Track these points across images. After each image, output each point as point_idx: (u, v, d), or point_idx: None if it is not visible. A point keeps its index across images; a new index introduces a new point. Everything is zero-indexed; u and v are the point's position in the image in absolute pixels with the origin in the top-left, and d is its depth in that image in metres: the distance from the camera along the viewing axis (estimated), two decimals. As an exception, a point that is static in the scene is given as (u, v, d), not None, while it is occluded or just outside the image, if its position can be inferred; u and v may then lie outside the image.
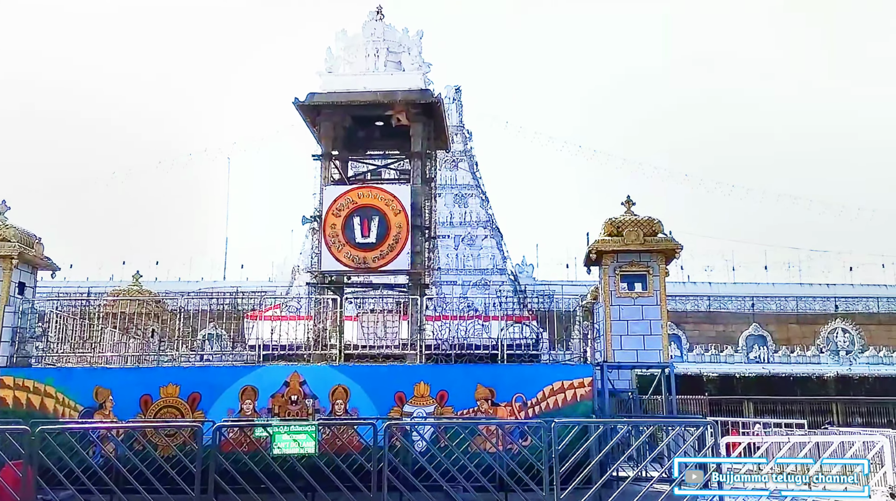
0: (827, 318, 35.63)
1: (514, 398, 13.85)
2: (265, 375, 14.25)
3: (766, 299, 38.41)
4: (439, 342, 15.36)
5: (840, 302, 38.42)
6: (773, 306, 38.19)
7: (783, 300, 38.31)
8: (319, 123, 18.53)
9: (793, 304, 38.21)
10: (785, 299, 38.29)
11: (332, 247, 16.96)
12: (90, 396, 13.91)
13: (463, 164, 38.93)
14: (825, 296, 38.83)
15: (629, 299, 14.21)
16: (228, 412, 13.90)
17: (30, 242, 15.07)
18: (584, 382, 13.79)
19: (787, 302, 38.26)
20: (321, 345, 15.54)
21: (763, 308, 38.03)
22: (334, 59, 18.91)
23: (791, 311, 37.99)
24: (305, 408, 13.94)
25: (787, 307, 38.15)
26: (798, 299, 38.40)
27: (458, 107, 39.94)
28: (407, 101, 17.93)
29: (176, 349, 15.92)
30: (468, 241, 37.31)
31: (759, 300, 38.28)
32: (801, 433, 16.36)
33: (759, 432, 14.91)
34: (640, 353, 14.04)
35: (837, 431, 16.83)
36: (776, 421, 19.62)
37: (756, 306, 38.08)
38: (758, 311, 37.73)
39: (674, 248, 14.37)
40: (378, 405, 13.86)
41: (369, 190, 17.38)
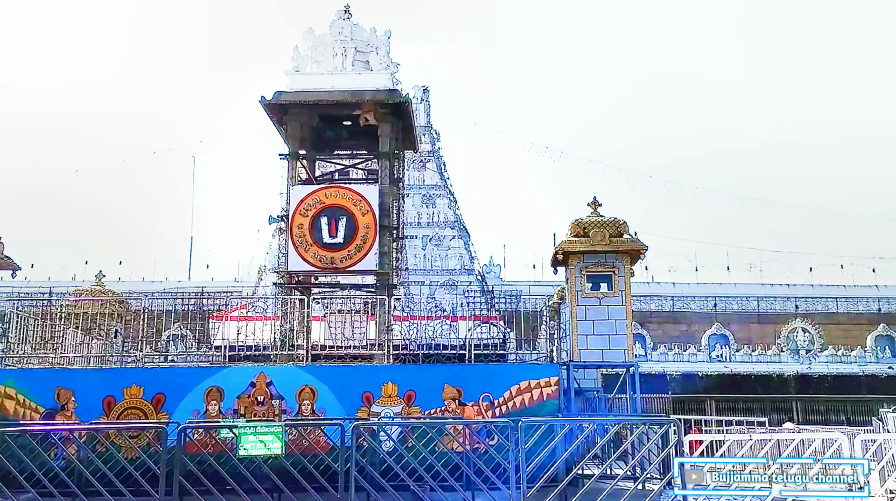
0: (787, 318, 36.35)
1: (482, 397, 13.95)
2: (231, 376, 14.14)
3: (728, 299, 39.14)
4: (407, 343, 15.41)
5: (800, 302, 39.34)
6: (735, 306, 38.94)
7: (745, 301, 39.07)
8: (286, 122, 18.43)
9: (754, 304, 39.00)
10: (747, 300, 39.06)
11: (299, 247, 16.89)
12: (52, 397, 13.67)
13: (431, 164, 38.94)
14: (786, 296, 39.71)
15: (595, 299, 14.41)
16: (193, 414, 13.76)
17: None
18: (551, 381, 13.93)
19: (749, 302, 39.03)
20: (288, 346, 15.47)
21: (725, 308, 38.76)
22: (302, 58, 18.82)
23: (753, 311, 38.77)
24: (272, 409, 13.86)
25: (748, 307, 38.92)
26: (759, 299, 39.20)
27: (426, 107, 39.93)
28: (375, 101, 17.93)
29: (140, 349, 15.71)
30: (436, 241, 37.34)
31: (721, 300, 39.00)
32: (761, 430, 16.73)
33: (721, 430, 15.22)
34: (605, 352, 14.24)
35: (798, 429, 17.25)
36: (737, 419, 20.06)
37: (718, 306, 38.79)
38: (720, 311, 38.42)
39: (639, 249, 14.61)
40: (345, 406, 13.84)
41: (337, 190, 17.34)
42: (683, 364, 31.12)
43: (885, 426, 17.77)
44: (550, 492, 8.98)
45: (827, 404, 27.92)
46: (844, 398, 28.14)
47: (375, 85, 18.29)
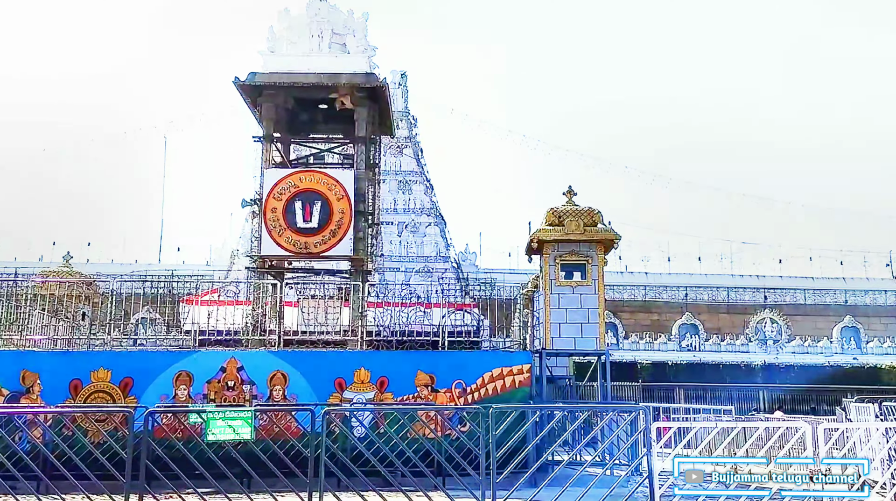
0: (756, 308, 37.01)
1: (454, 384, 13.98)
2: (201, 360, 14.00)
3: (699, 289, 39.61)
4: (381, 329, 15.36)
5: (769, 293, 39.97)
6: (705, 297, 39.43)
7: (715, 291, 39.59)
8: (261, 104, 18.16)
9: (724, 294, 39.53)
10: (717, 290, 39.58)
11: (272, 231, 16.72)
12: (17, 380, 13.43)
13: (408, 150, 38.79)
14: (755, 287, 40.32)
15: (568, 287, 14.48)
16: (162, 398, 13.61)
17: (-48, 220, 14.42)
18: (523, 368, 14.00)
19: (719, 292, 39.55)
20: (260, 331, 15.34)
21: (696, 298, 39.23)
22: (277, 39, 18.53)
23: (722, 301, 39.32)
24: (242, 394, 13.76)
25: (718, 298, 39.45)
26: (729, 289, 39.74)
27: (403, 93, 39.73)
28: (351, 84, 17.73)
29: (108, 332, 15.48)
30: (412, 228, 37.28)
31: (692, 290, 39.46)
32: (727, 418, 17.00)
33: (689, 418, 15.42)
34: (577, 340, 14.35)
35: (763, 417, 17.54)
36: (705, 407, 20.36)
37: (689, 295, 39.25)
38: (691, 301, 38.90)
39: (612, 238, 14.70)
40: (317, 391, 13.79)
41: (312, 174, 17.18)
42: (654, 353, 31.55)
43: (848, 416, 18.15)
44: (520, 478, 9.02)
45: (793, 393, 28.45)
46: (810, 387, 28.69)
47: (352, 68, 18.08)
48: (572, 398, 17.16)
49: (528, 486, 8.81)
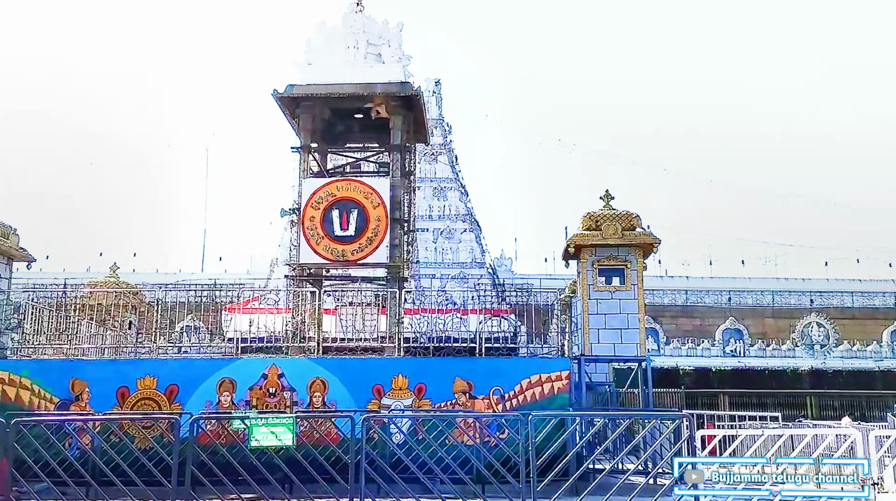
0: (802, 312, 36.09)
1: (492, 391, 13.94)
2: (243, 367, 14.21)
3: (742, 293, 38.81)
4: (417, 335, 15.41)
5: (815, 297, 38.96)
6: (749, 301, 38.60)
7: (759, 295, 38.73)
8: (298, 115, 18.44)
9: (769, 298, 38.65)
10: (761, 294, 38.72)
11: (310, 240, 16.94)
12: (66, 388, 13.80)
13: (442, 157, 38.90)
14: (801, 291, 39.34)
15: (607, 292, 14.34)
16: (206, 405, 13.84)
17: (5, 233, 14.91)
18: (562, 375, 13.89)
19: (764, 296, 38.68)
20: (299, 338, 15.52)
21: (740, 302, 38.43)
22: (314, 51, 18.80)
23: (767, 305, 38.44)
24: (283, 400, 13.93)
25: (763, 302, 38.58)
26: (774, 293, 38.83)
27: (437, 100, 39.88)
28: (386, 93, 17.90)
29: (153, 341, 15.82)
30: (447, 234, 37.33)
31: (735, 294, 38.68)
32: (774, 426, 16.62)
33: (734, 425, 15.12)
34: (617, 346, 14.18)
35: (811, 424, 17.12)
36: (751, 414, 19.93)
37: (733, 300, 38.48)
38: (734, 305, 38.12)
39: (651, 242, 14.51)
40: (356, 398, 13.88)
41: (348, 183, 17.37)
42: (696, 359, 30.93)
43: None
44: (561, 486, 8.95)
45: (841, 399, 27.65)
46: (859, 393, 27.85)
47: (387, 77, 18.25)
48: (612, 406, 16.94)
49: (569, 495, 8.74)
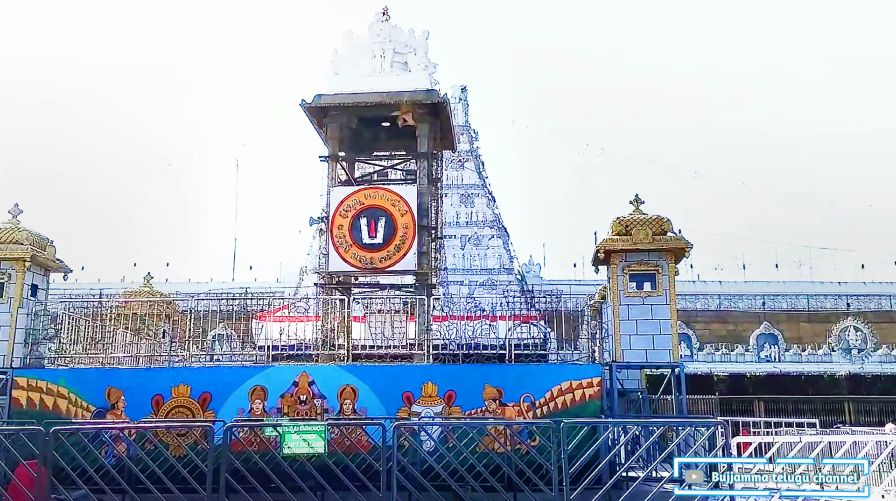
0: (838, 316, 35.35)
1: (522, 397, 13.86)
2: (274, 375, 14.32)
3: (776, 297, 38.14)
4: (446, 342, 15.39)
5: (851, 300, 38.13)
6: (783, 305, 37.92)
7: (794, 299, 38.03)
8: (326, 124, 18.62)
9: (804, 302, 37.93)
10: (796, 298, 38.02)
11: (339, 248, 17.05)
12: (102, 396, 14.02)
13: (469, 163, 38.93)
14: (836, 294, 38.53)
15: (638, 298, 14.18)
16: (238, 412, 13.97)
17: (42, 244, 15.21)
18: (593, 382, 13.77)
19: (798, 300, 37.98)
20: (329, 345, 15.60)
21: (774, 307, 37.76)
22: (341, 61, 18.98)
23: (802, 309, 37.73)
24: (314, 408, 14.00)
25: (798, 306, 37.88)
26: (809, 297, 38.10)
27: (464, 106, 39.96)
28: (413, 101, 18.00)
29: (186, 349, 16.02)
30: (475, 241, 37.31)
31: (769, 299, 38.02)
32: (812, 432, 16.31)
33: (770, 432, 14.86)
34: (649, 353, 14.00)
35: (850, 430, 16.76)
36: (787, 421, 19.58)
37: (767, 304, 37.82)
38: (768, 310, 37.46)
39: (683, 247, 14.32)
40: (386, 405, 13.90)
41: (376, 191, 17.46)
42: (730, 365, 30.51)
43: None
44: (594, 494, 8.87)
45: (881, 404, 27.04)
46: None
47: (413, 86, 18.36)
48: (645, 412, 16.76)
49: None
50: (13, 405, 13.90)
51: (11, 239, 14.62)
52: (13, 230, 14.80)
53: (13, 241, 14.62)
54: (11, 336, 14.31)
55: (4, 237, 14.59)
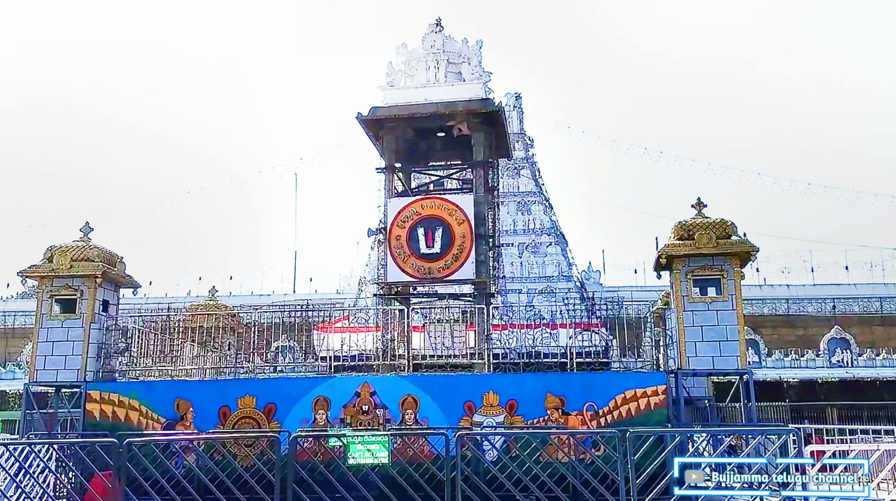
0: (914, 318, 33.79)
1: (586, 406, 13.65)
2: (337, 385, 14.47)
3: (848, 300, 36.64)
4: (507, 351, 15.29)
5: (927, 302, 36.41)
6: (855, 308, 36.38)
7: (866, 301, 36.47)
8: (382, 136, 18.80)
9: (876, 305, 36.33)
10: (868, 301, 36.45)
11: (397, 258, 17.16)
12: (172, 408, 14.40)
13: (525, 171, 38.76)
14: (911, 295, 36.84)
15: (703, 304, 13.81)
16: (302, 422, 14.16)
17: (113, 261, 15.75)
18: (658, 390, 13.47)
19: (871, 303, 36.39)
20: (390, 355, 15.69)
21: (845, 310, 36.25)
22: (395, 73, 19.18)
23: (875, 312, 36.12)
24: (377, 418, 14.09)
25: (870, 309, 36.29)
26: (882, 299, 36.48)
27: (518, 114, 39.84)
28: (468, 111, 18.03)
29: (251, 361, 16.35)
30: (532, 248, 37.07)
31: (840, 302, 36.56)
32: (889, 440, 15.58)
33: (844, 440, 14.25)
34: (715, 359, 13.60)
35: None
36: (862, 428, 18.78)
37: (837, 308, 36.36)
38: (839, 313, 35.99)
39: (749, 250, 13.89)
40: (447, 415, 13.88)
41: (432, 201, 17.52)
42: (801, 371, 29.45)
43: None
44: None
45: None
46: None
47: (468, 95, 18.40)
48: (713, 421, 16.29)
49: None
50: (87, 417, 14.40)
51: (83, 257, 15.19)
52: (84, 248, 15.38)
53: (85, 258, 15.18)
54: (85, 351, 14.84)
55: (76, 255, 15.17)
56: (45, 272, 15.12)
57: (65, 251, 15.24)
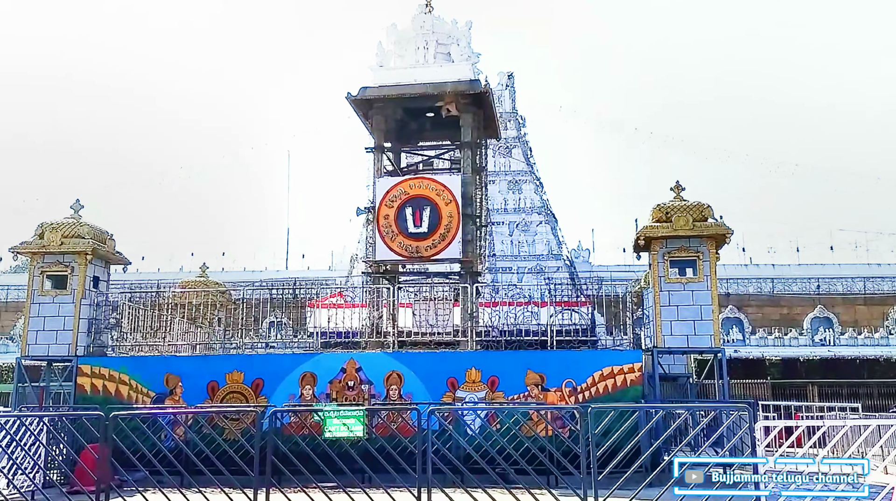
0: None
1: (564, 383, 14.05)
2: (323, 362, 14.82)
3: (832, 280, 37.06)
4: (490, 329, 15.64)
5: (910, 282, 36.85)
6: (839, 288, 36.81)
7: (850, 281, 36.89)
8: (372, 116, 18.94)
9: (860, 285, 36.76)
10: (852, 280, 36.87)
11: (385, 237, 17.42)
12: (161, 383, 14.75)
13: (516, 150, 38.87)
14: (893, 276, 37.22)
15: (679, 284, 14.15)
16: (290, 398, 14.52)
17: (103, 238, 15.98)
18: (634, 367, 13.86)
19: (854, 283, 36.83)
20: (377, 333, 16.02)
21: (829, 290, 36.71)
22: (385, 54, 19.26)
23: (858, 292, 36.57)
24: (361, 393, 14.46)
25: (853, 288, 36.73)
26: (865, 279, 36.88)
27: (511, 93, 39.83)
28: (456, 91, 18.17)
29: (241, 337, 16.68)
30: (523, 227, 37.31)
31: (824, 282, 36.99)
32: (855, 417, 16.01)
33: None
34: (690, 338, 13.99)
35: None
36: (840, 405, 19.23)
37: (822, 287, 36.81)
38: (823, 293, 36.47)
39: (724, 232, 14.22)
40: (431, 391, 14.27)
41: (421, 181, 17.74)
42: (784, 349, 29.94)
43: None
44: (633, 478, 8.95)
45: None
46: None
47: (457, 76, 18.52)
48: (691, 397, 16.73)
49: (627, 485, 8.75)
50: (78, 391, 14.77)
51: (73, 233, 15.42)
52: (75, 225, 15.60)
53: (75, 235, 15.41)
54: (76, 326, 15.14)
55: (67, 232, 15.40)
56: (35, 249, 15.36)
57: (56, 228, 15.47)
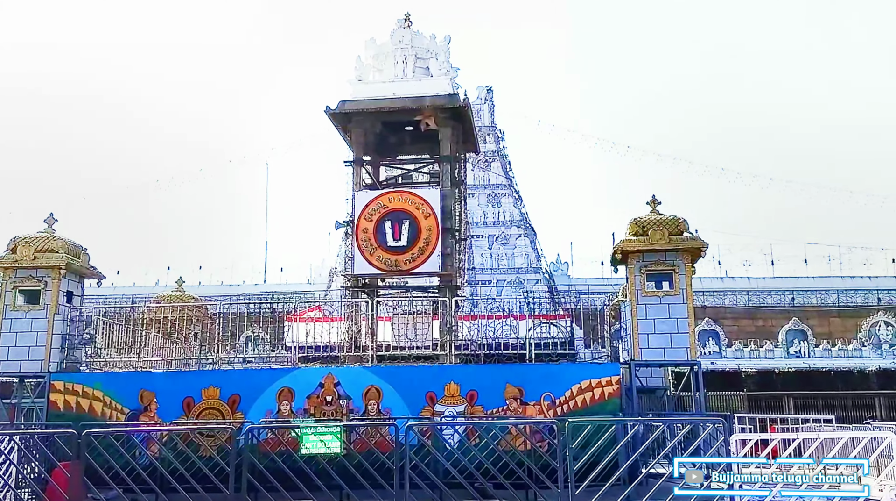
0: (869, 311, 34.72)
1: (543, 396, 14.07)
2: (301, 376, 14.69)
3: (806, 292, 37.54)
4: (469, 343, 15.64)
5: (883, 295, 37.37)
6: (813, 300, 37.30)
7: (824, 294, 37.39)
8: (350, 129, 18.94)
9: (834, 297, 37.29)
10: (826, 293, 37.37)
11: (364, 250, 17.37)
12: (136, 399, 14.53)
13: (495, 164, 39.03)
14: (867, 289, 37.77)
15: (655, 298, 14.28)
16: (267, 413, 14.37)
17: (77, 252, 15.78)
18: (612, 380, 13.92)
19: (829, 296, 37.34)
20: (355, 347, 15.95)
21: (804, 302, 37.20)
22: (364, 67, 19.30)
23: (832, 304, 37.09)
24: (340, 409, 14.35)
25: (828, 301, 37.24)
26: (839, 292, 37.42)
27: (490, 107, 40.01)
28: (435, 106, 18.23)
29: (217, 352, 16.51)
30: (502, 240, 37.42)
31: (799, 294, 37.46)
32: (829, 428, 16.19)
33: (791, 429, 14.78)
34: (667, 351, 14.11)
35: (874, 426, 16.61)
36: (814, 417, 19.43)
37: (796, 300, 37.29)
38: (798, 305, 36.93)
39: (699, 246, 14.40)
40: (410, 405, 14.20)
41: (400, 194, 17.75)
42: (760, 361, 30.22)
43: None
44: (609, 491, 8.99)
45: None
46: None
47: (435, 90, 18.60)
48: (669, 410, 16.83)
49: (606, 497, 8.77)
50: (51, 407, 14.49)
51: (47, 248, 15.22)
52: (48, 239, 15.40)
53: (48, 249, 15.21)
54: (48, 342, 14.90)
55: (40, 246, 15.19)
56: (8, 263, 15.14)
57: (28, 242, 15.26)
